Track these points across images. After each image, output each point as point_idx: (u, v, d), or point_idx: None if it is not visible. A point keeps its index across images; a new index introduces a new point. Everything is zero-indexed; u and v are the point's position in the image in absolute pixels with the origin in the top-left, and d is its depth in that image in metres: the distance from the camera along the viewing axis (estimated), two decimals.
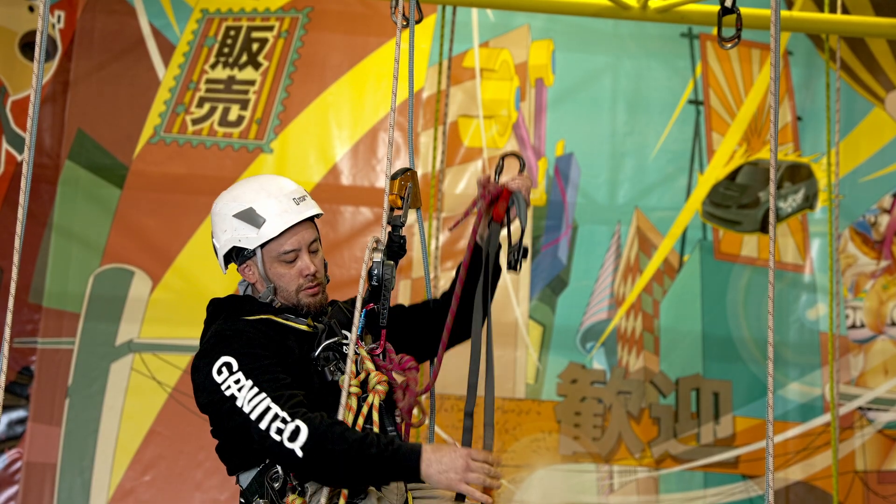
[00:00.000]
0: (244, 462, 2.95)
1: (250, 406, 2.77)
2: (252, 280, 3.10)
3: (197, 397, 2.95)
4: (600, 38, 7.61)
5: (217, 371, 2.85)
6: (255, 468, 2.93)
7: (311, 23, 7.47)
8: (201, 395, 2.91)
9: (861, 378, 7.38)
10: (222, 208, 3.08)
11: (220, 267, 3.15)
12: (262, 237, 3.01)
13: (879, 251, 7.52)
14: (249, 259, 3.05)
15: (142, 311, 7.05)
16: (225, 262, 3.10)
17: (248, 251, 3.03)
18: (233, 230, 3.03)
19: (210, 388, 2.86)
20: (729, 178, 7.60)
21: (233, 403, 2.80)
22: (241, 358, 2.86)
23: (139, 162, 7.22)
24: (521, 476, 7.13)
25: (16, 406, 6.84)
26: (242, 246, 3.03)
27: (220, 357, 2.87)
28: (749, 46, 7.70)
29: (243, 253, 3.04)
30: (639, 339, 7.37)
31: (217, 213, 3.10)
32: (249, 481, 2.94)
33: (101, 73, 7.29)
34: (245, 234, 3.01)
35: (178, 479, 6.85)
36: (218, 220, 3.08)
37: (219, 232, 3.08)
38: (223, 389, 2.83)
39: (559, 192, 7.48)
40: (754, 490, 7.20)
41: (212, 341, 2.95)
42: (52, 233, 7.06)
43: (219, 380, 2.84)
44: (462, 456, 2.72)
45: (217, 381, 2.85)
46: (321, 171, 7.30)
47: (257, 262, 3.04)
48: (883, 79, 7.62)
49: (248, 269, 3.08)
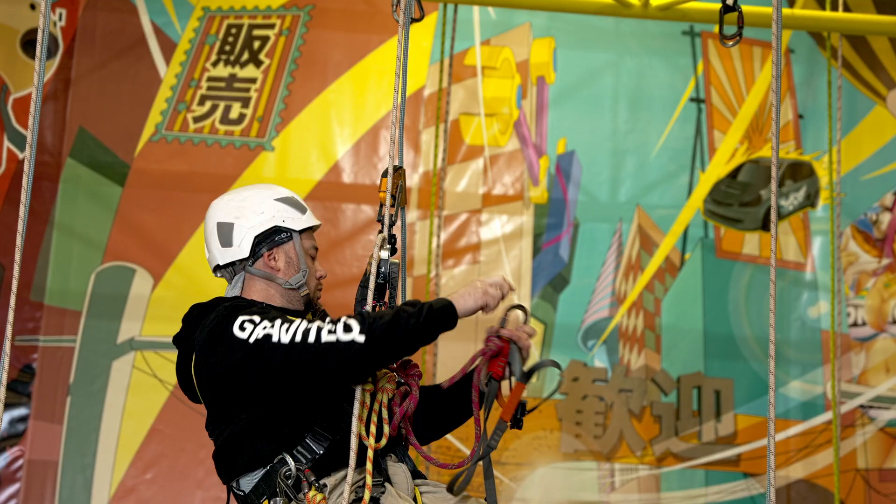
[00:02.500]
0: (252, 460, 2.88)
1: (289, 335, 2.71)
2: (274, 268, 3.07)
3: (220, 366, 2.82)
4: (602, 36, 7.60)
5: (239, 328, 2.78)
6: (262, 469, 2.88)
7: (313, 21, 7.47)
8: (230, 356, 2.78)
9: (862, 376, 7.38)
10: (256, 194, 3.11)
11: (216, 257, 3.09)
12: (307, 221, 3.11)
13: (881, 249, 7.52)
14: (284, 243, 3.07)
15: (143, 308, 7.05)
16: (252, 247, 3.05)
17: (287, 233, 3.07)
18: (275, 211, 3.07)
19: (238, 345, 2.76)
20: (730, 176, 7.60)
21: (269, 342, 2.72)
22: (260, 314, 2.82)
23: (140, 160, 7.22)
24: (523, 474, 7.13)
25: (17, 404, 6.84)
26: (287, 226, 3.07)
27: (236, 319, 2.80)
28: (750, 44, 7.70)
29: (281, 235, 3.07)
30: (640, 337, 7.37)
31: (248, 197, 3.11)
32: (255, 483, 2.89)
33: (102, 71, 7.30)
34: (290, 215, 3.09)
35: (179, 476, 6.85)
36: (250, 203, 3.09)
37: (249, 214, 3.06)
38: (252, 337, 2.74)
39: (560, 190, 7.48)
40: (756, 488, 7.20)
41: (223, 313, 2.87)
42: (53, 230, 7.06)
43: (244, 335, 2.76)
44: (479, 281, 2.90)
45: (243, 336, 2.76)
46: (322, 168, 7.30)
47: (295, 244, 3.08)
48: (884, 77, 7.62)
49: (276, 254, 3.07)
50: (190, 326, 3.03)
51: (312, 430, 2.86)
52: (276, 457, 2.86)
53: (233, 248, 3.07)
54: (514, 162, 7.46)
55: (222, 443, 2.95)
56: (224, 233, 3.08)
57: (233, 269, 3.10)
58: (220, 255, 3.10)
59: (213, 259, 3.13)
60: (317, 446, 2.85)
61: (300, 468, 2.82)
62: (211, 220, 3.13)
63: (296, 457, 2.84)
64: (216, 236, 3.10)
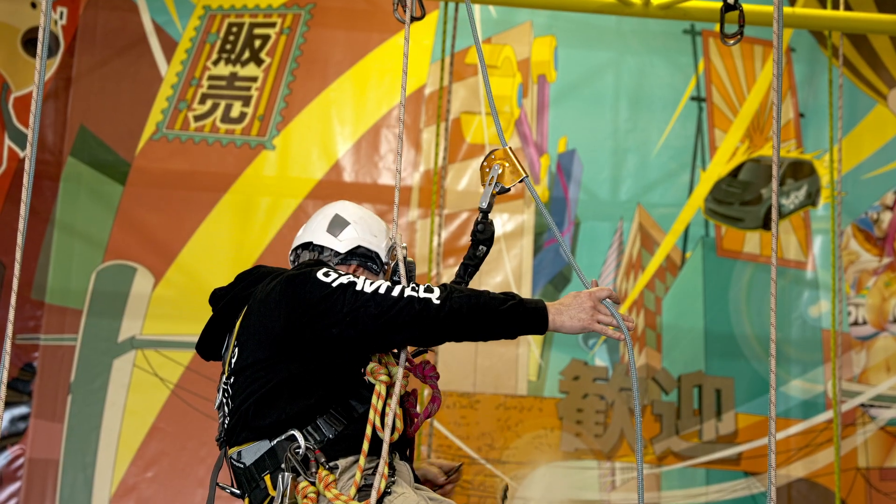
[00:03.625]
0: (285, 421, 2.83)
1: (373, 287, 2.75)
2: None
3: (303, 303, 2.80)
4: (603, 35, 7.60)
5: (324, 275, 2.81)
6: (267, 441, 2.85)
7: (314, 19, 7.47)
8: (312, 293, 2.79)
9: (863, 375, 7.37)
10: (383, 224, 3.20)
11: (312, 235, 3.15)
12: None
13: (882, 248, 7.52)
14: (373, 272, 3.12)
15: (144, 307, 7.06)
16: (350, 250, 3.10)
17: (380, 267, 3.12)
18: (388, 246, 3.13)
19: (322, 285, 2.79)
20: (731, 174, 7.60)
21: (353, 287, 2.75)
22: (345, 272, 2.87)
23: (141, 158, 7.22)
24: (523, 473, 7.14)
25: (18, 402, 6.85)
26: (385, 261, 3.12)
27: (320, 269, 2.84)
28: (751, 43, 7.70)
29: (375, 263, 3.12)
30: (641, 335, 7.37)
31: (377, 220, 3.20)
32: (259, 457, 2.86)
33: (103, 70, 7.30)
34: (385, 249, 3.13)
35: (180, 475, 6.86)
36: (375, 223, 3.17)
37: (367, 229, 3.14)
38: (337, 282, 2.78)
39: (561, 189, 7.48)
40: (756, 487, 7.20)
41: (306, 268, 2.90)
42: (54, 229, 7.06)
43: (328, 279, 2.79)
44: (587, 297, 2.75)
45: (327, 280, 2.79)
46: (323, 167, 7.30)
47: (381, 276, 3.11)
48: (885, 75, 7.61)
49: (360, 273, 3.10)
50: (247, 281, 3.08)
51: (327, 413, 2.85)
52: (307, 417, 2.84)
53: (335, 239, 3.12)
54: None
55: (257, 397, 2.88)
56: (336, 223, 3.15)
57: (317, 255, 3.13)
58: (319, 237, 3.14)
59: (306, 237, 3.17)
60: (328, 429, 2.84)
61: (309, 447, 2.81)
62: (330, 209, 3.21)
63: (306, 436, 2.82)
64: (327, 221, 3.16)
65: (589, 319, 2.76)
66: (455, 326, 2.73)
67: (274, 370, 2.87)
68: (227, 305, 3.10)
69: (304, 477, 2.76)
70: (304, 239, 3.18)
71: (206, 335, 3.15)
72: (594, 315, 2.77)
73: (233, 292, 3.10)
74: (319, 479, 2.75)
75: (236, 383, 2.93)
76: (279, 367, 2.86)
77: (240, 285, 3.10)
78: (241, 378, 2.92)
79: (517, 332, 2.76)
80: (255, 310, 2.94)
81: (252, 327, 2.93)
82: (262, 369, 2.88)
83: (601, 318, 2.78)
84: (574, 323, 2.75)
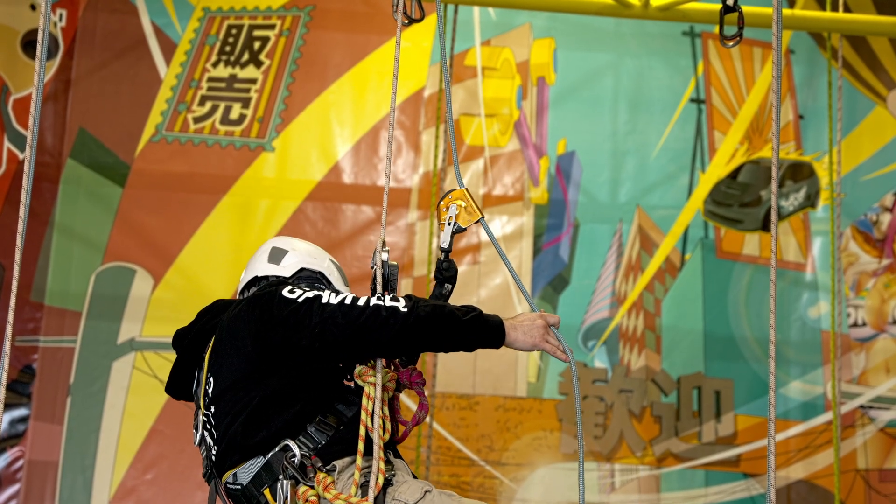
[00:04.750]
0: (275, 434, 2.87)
1: (338, 298, 2.81)
2: None
3: (271, 319, 2.85)
4: (602, 37, 7.61)
5: (288, 292, 2.87)
6: (261, 457, 2.88)
7: (313, 21, 7.47)
8: (278, 312, 2.84)
9: (863, 376, 7.38)
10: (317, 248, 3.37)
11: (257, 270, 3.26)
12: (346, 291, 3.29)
13: (881, 249, 7.52)
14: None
15: (143, 309, 7.05)
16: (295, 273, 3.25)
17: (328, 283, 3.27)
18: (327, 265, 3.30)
19: (287, 302, 2.84)
20: (730, 176, 7.60)
21: (318, 300, 2.80)
22: (308, 286, 2.98)
23: (141, 160, 7.22)
24: (523, 474, 7.13)
25: (17, 404, 6.85)
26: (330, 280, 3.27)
27: (284, 287, 2.90)
28: (751, 45, 7.70)
29: (322, 283, 3.26)
30: (640, 337, 7.37)
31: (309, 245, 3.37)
32: (255, 473, 2.89)
33: (102, 72, 7.30)
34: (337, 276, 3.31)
35: (179, 477, 6.85)
36: (310, 247, 3.35)
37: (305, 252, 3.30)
38: (302, 297, 2.83)
39: (561, 191, 7.48)
40: (756, 488, 7.20)
41: (269, 288, 2.96)
42: (53, 231, 7.06)
43: (293, 296, 2.85)
44: (540, 318, 2.90)
45: (292, 297, 2.85)
46: (323, 169, 7.30)
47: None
48: (885, 77, 7.62)
49: None
50: (209, 315, 3.14)
51: (316, 421, 2.89)
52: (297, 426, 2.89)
53: (278, 266, 3.24)
54: (514, 162, 7.46)
55: (244, 416, 2.92)
56: (275, 254, 3.28)
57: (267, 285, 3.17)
58: (262, 269, 3.25)
59: (251, 274, 3.27)
60: (319, 436, 2.87)
61: (305, 455, 2.84)
62: (265, 245, 3.34)
63: (299, 444, 2.86)
64: (266, 255, 3.29)
65: (540, 339, 2.89)
66: (421, 334, 2.79)
67: (255, 388, 2.91)
68: (192, 342, 3.16)
69: (303, 482, 2.79)
70: (249, 276, 3.28)
71: (175, 374, 3.23)
72: (545, 336, 2.90)
73: (196, 327, 3.16)
74: (318, 482, 2.78)
75: (218, 409, 2.98)
76: (260, 385, 2.91)
77: (202, 321, 3.17)
78: (222, 403, 2.96)
79: (476, 344, 2.85)
80: (224, 336, 2.99)
81: (224, 353, 2.98)
82: (242, 389, 2.92)
83: (551, 340, 2.91)
84: (527, 339, 2.87)
